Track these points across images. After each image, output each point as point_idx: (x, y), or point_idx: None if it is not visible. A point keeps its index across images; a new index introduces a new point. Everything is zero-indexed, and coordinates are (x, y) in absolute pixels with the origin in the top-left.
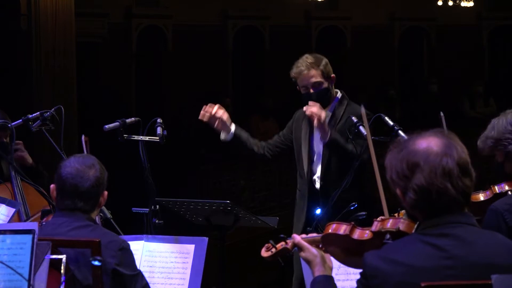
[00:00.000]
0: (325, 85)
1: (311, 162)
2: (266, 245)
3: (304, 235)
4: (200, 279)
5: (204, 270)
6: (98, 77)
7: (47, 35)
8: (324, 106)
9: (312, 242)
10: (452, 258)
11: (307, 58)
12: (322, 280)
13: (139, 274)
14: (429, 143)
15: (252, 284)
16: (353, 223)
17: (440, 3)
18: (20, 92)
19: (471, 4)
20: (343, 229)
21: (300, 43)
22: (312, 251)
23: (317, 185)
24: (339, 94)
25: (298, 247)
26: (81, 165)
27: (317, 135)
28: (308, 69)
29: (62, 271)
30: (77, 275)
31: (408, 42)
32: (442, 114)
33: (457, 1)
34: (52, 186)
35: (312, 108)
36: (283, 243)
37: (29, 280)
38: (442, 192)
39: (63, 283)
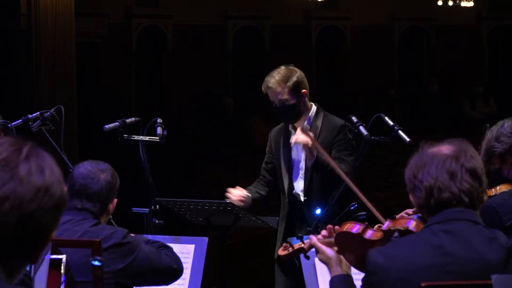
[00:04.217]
0: (292, 101)
1: (291, 178)
2: (284, 244)
3: (320, 237)
4: (200, 279)
5: (204, 270)
6: (98, 77)
7: (47, 35)
8: (292, 122)
9: (328, 244)
10: (450, 254)
11: (276, 75)
12: (338, 280)
13: (139, 245)
14: (440, 147)
15: (252, 284)
16: (367, 223)
17: (440, 3)
18: (20, 92)
19: (471, 4)
20: (356, 228)
21: (300, 43)
22: (328, 253)
23: (301, 199)
24: (314, 108)
25: (314, 248)
26: (93, 168)
27: (295, 151)
28: (275, 86)
29: (62, 271)
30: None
31: (408, 42)
32: (488, 125)
33: (457, 1)
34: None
35: (297, 139)
36: (300, 243)
37: None
38: (444, 189)
39: (63, 283)
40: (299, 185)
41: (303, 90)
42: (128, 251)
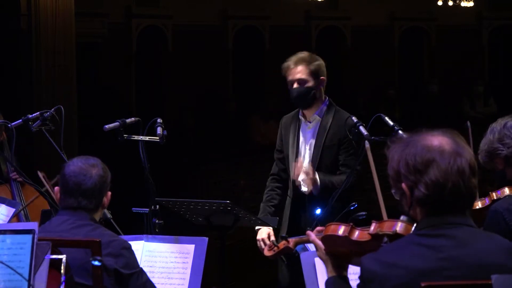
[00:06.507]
0: (310, 84)
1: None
2: (268, 244)
3: (317, 232)
4: (200, 279)
5: (204, 270)
6: (98, 77)
7: (47, 35)
8: (305, 106)
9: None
10: (448, 259)
11: (300, 54)
12: (334, 281)
13: (140, 271)
14: (440, 141)
15: (252, 284)
16: (351, 224)
17: (440, 3)
18: (20, 92)
19: (471, 4)
20: (342, 230)
21: (300, 43)
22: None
23: (303, 189)
24: (327, 101)
25: (314, 245)
26: (84, 164)
27: (303, 140)
28: (296, 64)
29: (62, 271)
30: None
31: (408, 42)
32: (468, 123)
33: (457, 1)
34: (56, 188)
35: (300, 177)
36: (285, 242)
37: (29, 280)
38: (455, 189)
39: (63, 283)
40: (302, 176)
41: (322, 77)
42: (122, 264)
